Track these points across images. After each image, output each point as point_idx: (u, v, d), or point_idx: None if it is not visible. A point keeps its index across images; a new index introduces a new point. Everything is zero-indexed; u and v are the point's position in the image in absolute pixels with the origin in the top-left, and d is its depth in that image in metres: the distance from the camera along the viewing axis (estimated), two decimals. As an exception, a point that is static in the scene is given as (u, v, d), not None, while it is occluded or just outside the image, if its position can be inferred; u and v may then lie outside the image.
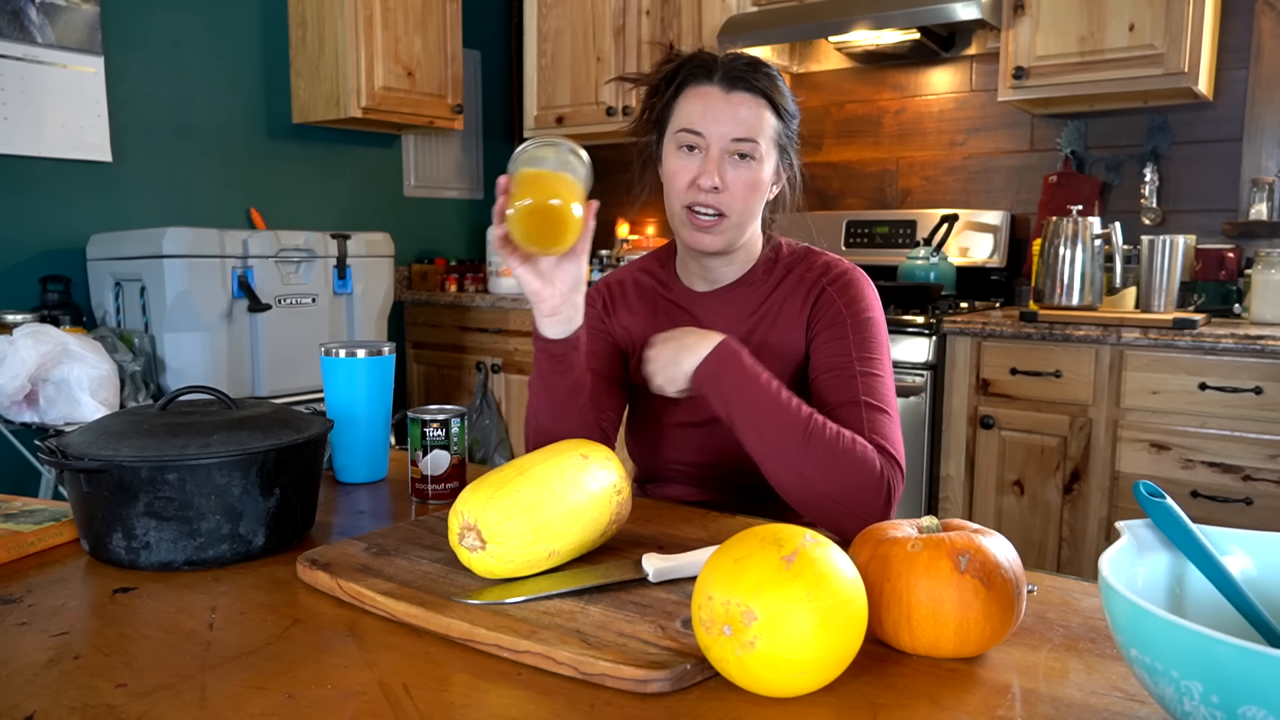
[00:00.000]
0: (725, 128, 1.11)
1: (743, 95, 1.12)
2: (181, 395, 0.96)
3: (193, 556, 0.86)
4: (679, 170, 1.14)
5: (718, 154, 1.12)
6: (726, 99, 1.11)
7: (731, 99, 1.11)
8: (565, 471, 0.83)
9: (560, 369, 1.05)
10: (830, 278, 1.18)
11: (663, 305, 1.26)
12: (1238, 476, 2.08)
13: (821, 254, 1.23)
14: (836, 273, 1.19)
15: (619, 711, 0.61)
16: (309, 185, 3.36)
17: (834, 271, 1.19)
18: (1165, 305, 2.40)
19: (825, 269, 1.19)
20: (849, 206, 3.22)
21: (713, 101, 1.12)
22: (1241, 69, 2.53)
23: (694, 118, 1.12)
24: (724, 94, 1.12)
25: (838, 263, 1.21)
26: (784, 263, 1.22)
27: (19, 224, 2.62)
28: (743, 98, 1.12)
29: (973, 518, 2.42)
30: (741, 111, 1.11)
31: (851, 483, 0.99)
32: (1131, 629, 0.52)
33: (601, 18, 3.30)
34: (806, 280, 1.19)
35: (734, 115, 1.11)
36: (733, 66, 1.12)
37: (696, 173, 1.12)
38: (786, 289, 1.20)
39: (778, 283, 1.20)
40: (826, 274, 1.19)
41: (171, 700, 0.62)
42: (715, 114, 1.11)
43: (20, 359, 2.08)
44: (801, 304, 1.18)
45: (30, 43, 2.58)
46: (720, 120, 1.11)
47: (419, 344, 3.56)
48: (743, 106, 1.11)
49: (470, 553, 0.78)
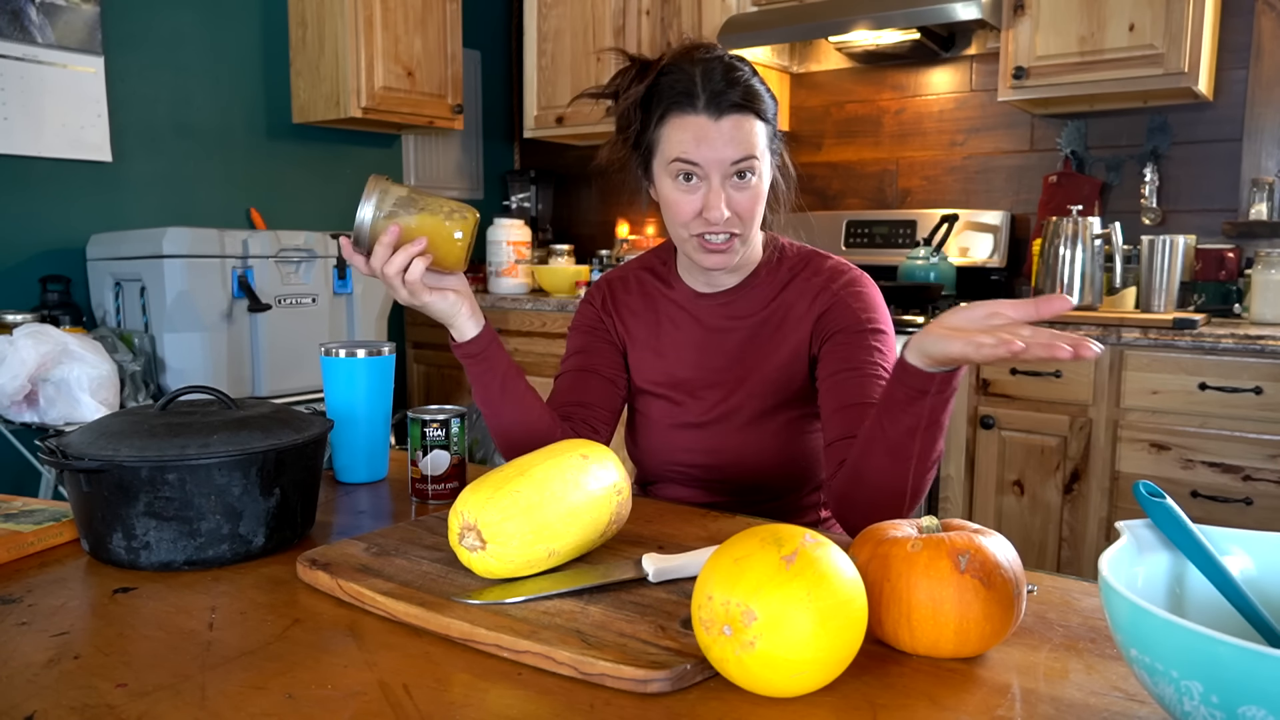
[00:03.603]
0: (723, 154, 1.07)
1: (734, 119, 1.08)
2: (181, 395, 0.96)
3: (193, 556, 0.86)
4: (681, 202, 1.11)
5: (719, 183, 1.09)
6: (718, 127, 1.07)
7: (722, 126, 1.07)
8: (565, 471, 0.82)
9: (486, 365, 1.12)
10: (841, 284, 1.18)
11: (664, 305, 1.26)
12: (1238, 476, 2.08)
13: (827, 257, 1.22)
14: (847, 279, 1.18)
15: (619, 711, 0.61)
16: (309, 185, 3.36)
17: (844, 278, 1.19)
18: (1165, 305, 2.40)
19: (833, 274, 1.19)
20: (849, 206, 3.22)
21: (705, 131, 1.07)
22: (1241, 69, 2.53)
23: (687, 149, 1.08)
24: (713, 122, 1.07)
25: (845, 267, 1.21)
26: (788, 265, 1.22)
27: (19, 224, 2.62)
28: (734, 121, 1.08)
29: (973, 518, 2.42)
30: (736, 135, 1.07)
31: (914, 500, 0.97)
32: (1131, 629, 0.52)
33: (601, 18, 3.30)
34: (814, 285, 1.18)
35: (730, 140, 1.07)
36: (713, 89, 1.07)
37: (701, 205, 1.09)
38: (793, 293, 1.19)
39: (782, 286, 1.20)
40: (835, 279, 1.18)
41: (171, 700, 0.62)
42: (709, 143, 1.07)
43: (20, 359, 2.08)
44: (808, 308, 1.17)
45: (30, 43, 2.58)
46: (716, 148, 1.07)
47: (419, 344, 3.56)
48: (735, 129, 1.07)
49: (470, 553, 0.78)
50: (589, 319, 1.30)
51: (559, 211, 3.95)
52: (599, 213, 3.88)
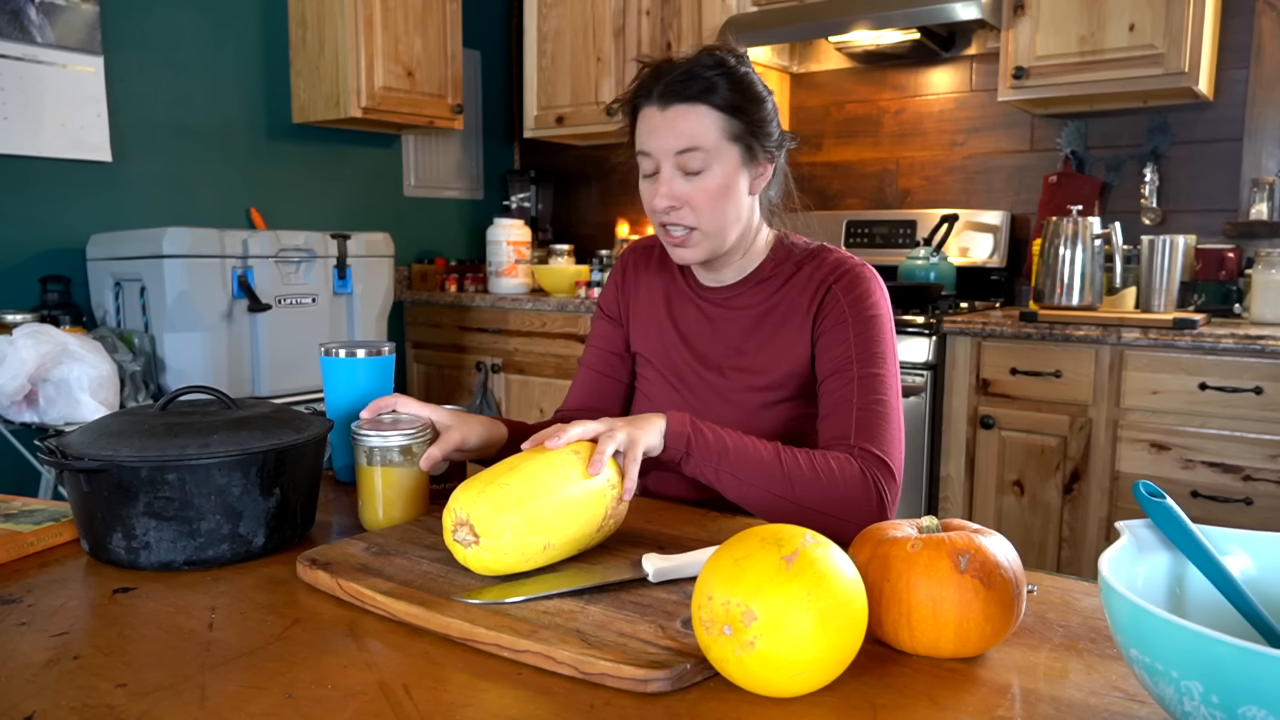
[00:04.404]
0: (666, 143, 1.11)
1: (678, 108, 1.10)
2: (181, 395, 0.96)
3: (193, 556, 0.86)
4: (644, 194, 1.16)
5: (668, 172, 1.12)
6: (663, 116, 1.11)
7: (668, 115, 1.11)
8: (558, 466, 0.82)
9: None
10: (837, 275, 1.17)
11: (675, 295, 1.27)
12: (1238, 476, 2.08)
13: (834, 251, 1.21)
14: (843, 270, 1.17)
15: (619, 711, 0.61)
16: (309, 185, 3.36)
17: (841, 269, 1.17)
18: (1165, 305, 2.40)
19: (835, 266, 1.18)
20: (849, 206, 3.22)
21: (654, 122, 1.12)
22: (1241, 69, 2.53)
23: (642, 139, 1.13)
24: (660, 111, 1.11)
25: (847, 259, 1.19)
26: (794, 260, 1.21)
27: (19, 224, 2.62)
28: (678, 110, 1.10)
29: (973, 518, 2.42)
30: (679, 124, 1.10)
31: (843, 504, 1.01)
32: (1131, 629, 0.52)
33: (601, 18, 3.30)
34: (815, 278, 1.18)
35: (671, 129, 1.10)
36: (666, 81, 1.11)
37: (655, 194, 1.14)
38: (796, 287, 1.19)
39: (786, 280, 1.20)
40: (834, 271, 1.17)
41: (171, 700, 0.62)
42: (655, 132, 1.11)
43: (20, 359, 2.08)
44: (809, 302, 1.17)
45: (30, 42, 2.58)
46: (660, 137, 1.11)
47: (419, 344, 3.56)
48: (679, 119, 1.10)
49: (464, 548, 0.78)
50: (609, 303, 1.35)
51: (559, 211, 3.95)
52: (599, 213, 3.88)
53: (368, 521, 0.98)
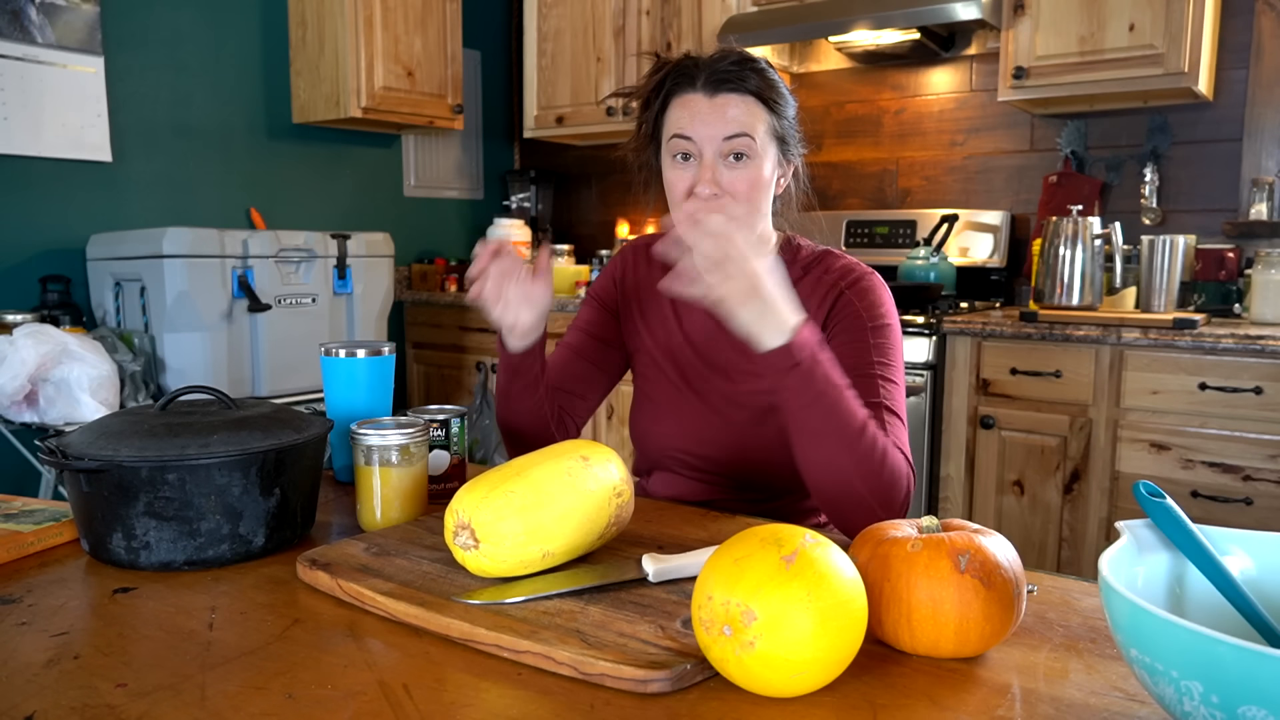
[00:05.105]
0: (715, 129, 1.10)
1: (728, 96, 1.10)
2: (181, 395, 0.96)
3: (193, 556, 0.86)
4: (676, 180, 1.14)
5: (711, 158, 1.11)
6: (712, 103, 1.10)
7: (717, 102, 1.10)
8: (563, 473, 0.82)
9: (518, 373, 1.17)
10: (849, 281, 1.17)
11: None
12: (1238, 476, 2.08)
13: (840, 256, 1.22)
14: (855, 276, 1.18)
15: (619, 711, 0.61)
16: (309, 185, 3.36)
17: (852, 275, 1.18)
18: (1165, 305, 2.40)
19: (844, 272, 1.19)
20: (849, 206, 3.22)
21: (699, 107, 1.11)
22: (1241, 69, 2.53)
23: (683, 124, 1.11)
24: (709, 99, 1.11)
25: (856, 266, 1.20)
26: (801, 263, 1.22)
27: (19, 224, 2.62)
28: (729, 99, 1.10)
29: (973, 518, 2.42)
30: (730, 111, 1.10)
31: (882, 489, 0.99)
32: (1131, 629, 0.52)
33: (601, 18, 3.30)
34: (824, 283, 1.18)
35: (722, 116, 1.10)
36: (716, 69, 1.11)
37: (693, 180, 1.12)
38: (803, 291, 1.19)
39: (794, 283, 1.20)
40: (845, 277, 1.18)
41: (171, 700, 0.62)
42: (703, 118, 1.10)
43: (20, 359, 2.08)
44: (818, 306, 1.17)
45: (30, 43, 2.58)
46: (709, 123, 1.10)
47: (419, 344, 3.56)
48: (730, 107, 1.10)
49: (464, 551, 0.78)
50: (605, 291, 1.33)
51: (559, 211, 3.95)
52: (599, 213, 3.88)
53: (365, 522, 0.97)
